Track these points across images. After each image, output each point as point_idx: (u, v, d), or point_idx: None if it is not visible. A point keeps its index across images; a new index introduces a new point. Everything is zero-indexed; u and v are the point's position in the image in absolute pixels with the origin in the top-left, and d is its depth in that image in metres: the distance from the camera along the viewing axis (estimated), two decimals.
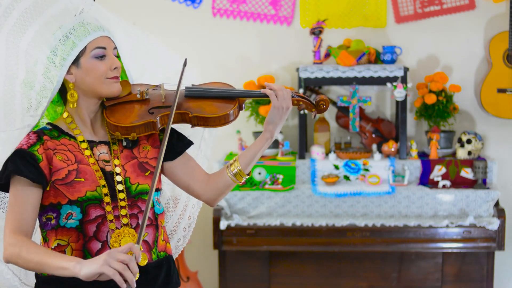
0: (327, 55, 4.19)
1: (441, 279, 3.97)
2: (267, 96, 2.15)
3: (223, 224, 3.90)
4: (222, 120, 2.11)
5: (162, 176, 2.26)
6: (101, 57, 2.03)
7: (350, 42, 4.23)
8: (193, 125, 2.12)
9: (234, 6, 4.41)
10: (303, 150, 4.16)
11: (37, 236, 2.26)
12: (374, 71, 4.04)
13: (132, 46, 2.22)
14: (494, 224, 3.84)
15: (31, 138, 2.01)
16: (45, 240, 2.05)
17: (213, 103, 2.13)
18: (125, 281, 1.80)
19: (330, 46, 4.20)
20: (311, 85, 4.23)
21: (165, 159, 2.16)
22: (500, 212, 3.89)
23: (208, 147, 2.47)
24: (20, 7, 2.04)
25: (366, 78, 4.06)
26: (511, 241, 4.32)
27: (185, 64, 2.16)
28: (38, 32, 2.03)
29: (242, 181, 2.18)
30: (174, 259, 2.48)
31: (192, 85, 2.21)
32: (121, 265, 1.80)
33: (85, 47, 2.01)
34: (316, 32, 4.15)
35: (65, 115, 2.08)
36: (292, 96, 2.17)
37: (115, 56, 2.08)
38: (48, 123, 2.10)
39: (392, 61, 4.13)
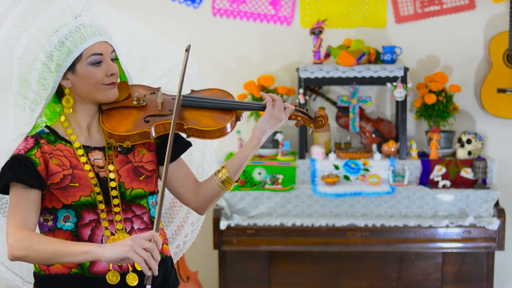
0: (327, 55, 4.19)
1: (441, 279, 3.97)
2: (264, 109, 2.13)
3: (223, 224, 3.90)
4: (217, 133, 2.08)
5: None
6: (98, 63, 1.99)
7: (350, 42, 4.23)
8: (188, 136, 2.10)
9: (234, 6, 4.40)
10: (303, 150, 4.16)
11: None
12: (374, 71, 4.04)
13: (128, 42, 2.18)
14: (494, 224, 3.84)
15: (29, 143, 2.00)
16: None
17: (209, 115, 2.09)
18: (149, 268, 1.79)
19: (330, 46, 4.19)
20: (311, 85, 4.23)
21: (159, 163, 2.14)
22: (500, 212, 3.88)
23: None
24: (17, 10, 2.01)
25: (366, 78, 4.05)
26: (511, 241, 4.32)
27: (187, 50, 2.11)
28: (34, 37, 1.99)
29: (231, 188, 2.15)
30: (180, 256, 2.48)
31: (191, 90, 2.18)
32: (145, 253, 1.79)
33: (81, 54, 1.97)
34: (316, 32, 4.14)
35: (62, 118, 2.07)
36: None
37: (113, 59, 2.04)
38: (46, 126, 2.08)
39: (392, 61, 4.13)
